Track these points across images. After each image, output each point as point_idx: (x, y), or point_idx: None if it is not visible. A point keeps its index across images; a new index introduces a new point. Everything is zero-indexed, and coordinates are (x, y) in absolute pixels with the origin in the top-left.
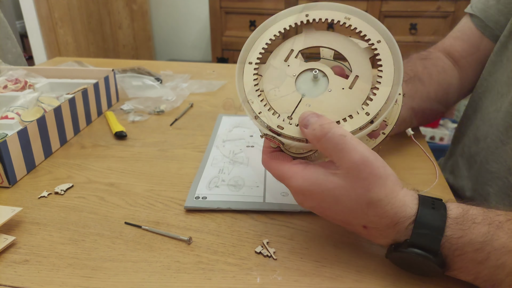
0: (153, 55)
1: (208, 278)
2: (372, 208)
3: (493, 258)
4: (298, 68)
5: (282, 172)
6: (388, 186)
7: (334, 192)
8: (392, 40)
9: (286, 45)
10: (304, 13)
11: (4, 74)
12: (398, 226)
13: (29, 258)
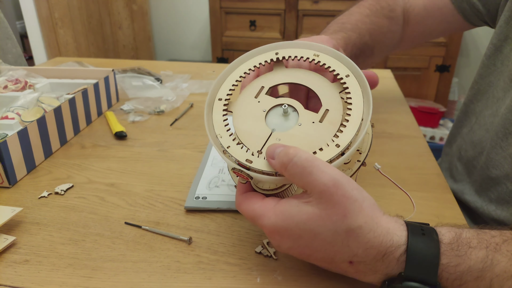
0: (153, 55)
1: (208, 278)
2: (353, 237)
3: (496, 286)
4: (268, 104)
5: (254, 211)
6: (366, 211)
7: (309, 224)
8: (360, 74)
9: (256, 82)
10: (274, 51)
11: (4, 74)
12: (388, 257)
13: (29, 258)
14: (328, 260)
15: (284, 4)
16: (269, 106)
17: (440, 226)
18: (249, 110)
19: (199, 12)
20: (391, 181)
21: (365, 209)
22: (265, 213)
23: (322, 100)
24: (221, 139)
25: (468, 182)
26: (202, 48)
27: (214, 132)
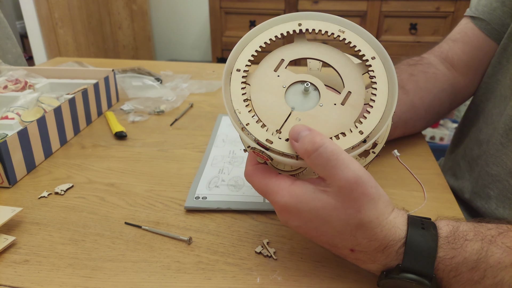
0: (153, 55)
1: (208, 278)
2: (362, 230)
3: (490, 276)
4: (288, 80)
5: (266, 185)
6: (379, 208)
7: (323, 212)
8: (387, 58)
9: (276, 54)
10: (297, 21)
11: (4, 74)
12: (388, 249)
13: (29, 258)
14: (332, 244)
15: (284, 4)
16: (290, 82)
17: (439, 219)
18: (268, 84)
19: (199, 12)
20: (394, 178)
21: (379, 206)
22: (279, 191)
23: (344, 81)
24: (239, 115)
25: (468, 179)
26: (202, 48)
27: (233, 107)
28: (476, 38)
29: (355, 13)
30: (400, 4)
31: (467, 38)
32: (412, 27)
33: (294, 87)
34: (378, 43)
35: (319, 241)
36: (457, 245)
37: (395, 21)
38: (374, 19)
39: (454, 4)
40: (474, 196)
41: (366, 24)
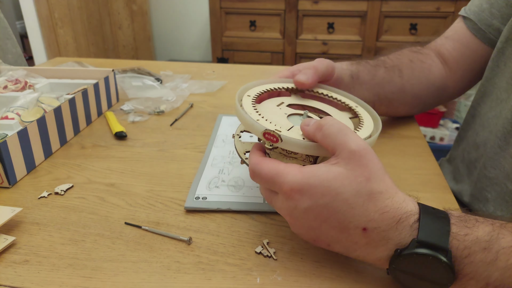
0: (153, 56)
1: (208, 279)
2: (373, 201)
3: (503, 259)
4: (289, 111)
5: (277, 168)
6: (388, 181)
7: (334, 183)
8: (368, 107)
9: (277, 99)
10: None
11: (4, 74)
12: (402, 223)
13: (29, 259)
14: (342, 226)
15: (284, 4)
16: (290, 112)
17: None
18: (273, 111)
19: (199, 12)
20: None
21: (387, 179)
22: (290, 171)
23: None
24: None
25: (467, 183)
26: (202, 48)
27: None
28: (465, 36)
29: (355, 13)
30: (400, 4)
31: (457, 36)
32: (412, 27)
33: (293, 117)
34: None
35: (329, 227)
36: (469, 224)
37: (395, 21)
38: (374, 19)
39: (454, 4)
40: (473, 199)
41: (366, 24)
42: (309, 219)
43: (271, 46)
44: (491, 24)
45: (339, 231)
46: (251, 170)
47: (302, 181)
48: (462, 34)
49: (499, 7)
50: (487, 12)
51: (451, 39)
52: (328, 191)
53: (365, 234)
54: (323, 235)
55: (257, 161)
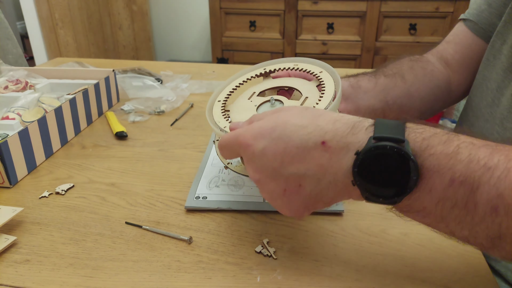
0: (153, 56)
1: (209, 278)
2: (322, 116)
3: (464, 152)
4: (259, 101)
5: (235, 132)
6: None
7: (279, 115)
8: (332, 70)
9: (249, 90)
10: (263, 68)
11: (5, 74)
12: (356, 129)
13: (30, 258)
14: (302, 150)
15: (283, 5)
16: (259, 102)
17: None
18: (243, 107)
19: (199, 13)
20: None
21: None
22: (243, 127)
23: (302, 92)
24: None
25: None
26: (202, 49)
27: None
28: (466, 37)
29: (355, 13)
30: (400, 5)
31: (458, 39)
32: (411, 27)
33: (263, 106)
34: (323, 63)
35: (289, 157)
36: (426, 126)
37: (395, 22)
38: (374, 19)
39: (454, 5)
40: None
41: (365, 24)
42: (269, 158)
43: (271, 46)
44: (492, 23)
45: (301, 158)
46: (218, 148)
47: (252, 126)
48: (463, 36)
49: (497, 6)
50: (487, 12)
51: (452, 42)
52: (276, 124)
53: (325, 147)
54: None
55: (219, 140)
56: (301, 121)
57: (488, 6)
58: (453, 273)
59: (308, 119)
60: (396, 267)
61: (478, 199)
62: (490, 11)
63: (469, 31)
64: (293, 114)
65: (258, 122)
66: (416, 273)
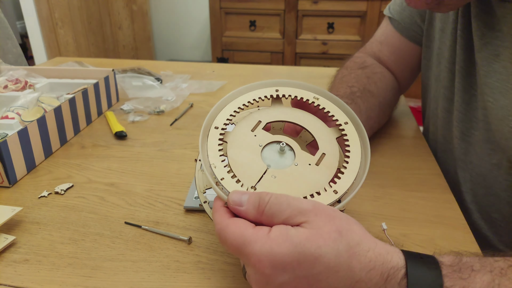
0: (153, 56)
1: (208, 278)
2: (355, 256)
3: None
4: (265, 139)
5: (243, 236)
6: (358, 228)
7: (309, 246)
8: (359, 123)
9: (254, 116)
10: (274, 88)
11: (4, 74)
12: (390, 282)
13: (29, 258)
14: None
15: (283, 4)
16: (266, 141)
17: (436, 253)
18: (245, 142)
19: (199, 12)
20: (395, 178)
21: (357, 227)
22: (258, 239)
23: (319, 143)
24: (215, 169)
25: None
26: (202, 48)
27: (209, 161)
28: (395, 38)
29: (355, 13)
30: None
31: (389, 40)
32: None
33: (270, 147)
34: (350, 110)
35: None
36: (464, 275)
37: None
38: (374, 19)
39: None
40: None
41: (365, 24)
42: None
43: (271, 46)
44: (414, 22)
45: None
46: (217, 235)
47: (272, 250)
48: (392, 36)
49: None
50: (407, 11)
51: (385, 44)
52: (304, 258)
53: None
54: None
55: (222, 226)
56: (334, 261)
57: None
58: None
59: (342, 259)
60: None
61: None
62: (411, 10)
63: (396, 31)
64: (326, 244)
65: (280, 246)
66: None
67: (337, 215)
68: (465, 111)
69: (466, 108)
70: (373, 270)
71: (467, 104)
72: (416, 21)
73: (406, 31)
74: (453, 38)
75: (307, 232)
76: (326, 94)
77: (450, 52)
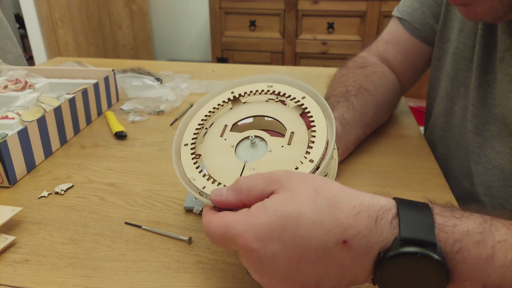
0: (153, 55)
1: (208, 278)
2: (338, 207)
3: (500, 255)
4: (235, 139)
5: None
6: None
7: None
8: (317, 94)
9: (219, 122)
10: (230, 91)
11: (4, 74)
12: (380, 222)
13: (29, 258)
14: (322, 252)
15: (283, 4)
16: (236, 141)
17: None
18: (218, 148)
19: (199, 12)
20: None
21: (333, 183)
22: (238, 220)
23: (285, 124)
24: (194, 181)
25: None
26: (201, 48)
27: (187, 177)
28: (403, 38)
29: (355, 13)
30: None
31: (397, 40)
32: None
33: (242, 144)
34: (304, 84)
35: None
36: (457, 214)
37: None
38: (374, 19)
39: None
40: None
41: (365, 24)
42: (282, 265)
43: (271, 46)
44: (425, 23)
45: (321, 260)
46: (206, 235)
47: (253, 223)
48: (401, 36)
49: (429, 5)
50: (420, 11)
51: (391, 43)
52: (286, 221)
53: (347, 247)
54: (306, 276)
55: (206, 223)
56: (316, 215)
57: (420, 4)
58: None
59: (324, 211)
60: None
61: None
62: (423, 10)
63: (406, 31)
64: (304, 203)
65: (259, 217)
66: None
67: (311, 177)
68: (481, 107)
69: (482, 104)
70: (359, 214)
71: (483, 100)
72: (428, 22)
73: (417, 32)
74: (474, 38)
75: (282, 196)
76: (279, 79)
77: (471, 51)
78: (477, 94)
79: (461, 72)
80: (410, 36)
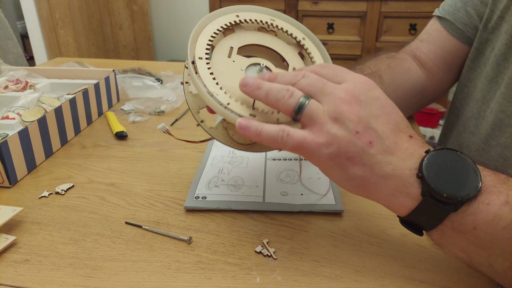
0: (154, 56)
1: (208, 278)
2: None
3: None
4: (244, 63)
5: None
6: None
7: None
8: (315, 38)
9: (224, 43)
10: (235, 13)
11: (5, 74)
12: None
13: (29, 258)
14: (395, 127)
15: (284, 5)
16: (245, 65)
17: None
18: (228, 68)
19: (199, 13)
20: None
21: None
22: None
23: (287, 59)
24: (218, 96)
25: None
26: None
27: (209, 91)
28: (441, 38)
29: (355, 14)
30: (400, 5)
31: (432, 39)
32: (411, 28)
33: (250, 69)
34: (305, 27)
35: (385, 120)
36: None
37: (395, 22)
38: (374, 20)
39: None
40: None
41: (365, 25)
42: (364, 122)
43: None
44: (468, 23)
45: (392, 129)
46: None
47: (348, 88)
48: (438, 35)
49: (473, 5)
50: (463, 11)
51: (426, 41)
52: (372, 84)
53: (411, 141)
54: (371, 126)
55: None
56: (393, 105)
57: (463, 4)
58: (453, 273)
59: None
60: (396, 268)
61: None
62: (466, 10)
63: (445, 30)
64: (373, 84)
65: (345, 84)
66: (416, 274)
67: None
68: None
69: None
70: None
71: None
72: (472, 22)
73: (459, 32)
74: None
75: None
76: (282, 16)
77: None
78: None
79: (501, 75)
80: (449, 35)
